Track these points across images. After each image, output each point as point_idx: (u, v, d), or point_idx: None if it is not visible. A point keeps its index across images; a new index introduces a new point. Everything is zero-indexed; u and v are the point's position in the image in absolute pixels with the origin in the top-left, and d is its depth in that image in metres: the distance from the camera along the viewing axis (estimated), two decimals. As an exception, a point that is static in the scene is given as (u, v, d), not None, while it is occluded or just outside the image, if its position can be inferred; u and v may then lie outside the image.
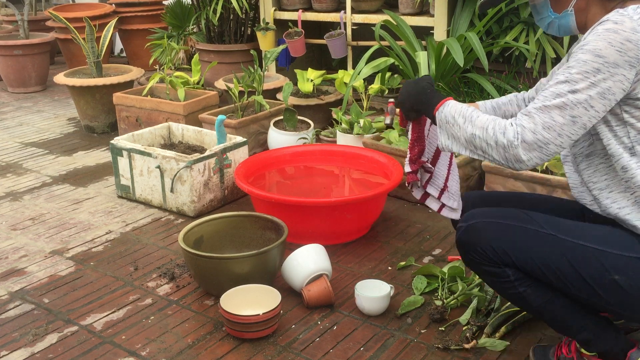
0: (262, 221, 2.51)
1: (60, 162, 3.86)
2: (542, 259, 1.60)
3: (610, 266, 1.56)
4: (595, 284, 1.58)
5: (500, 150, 1.54)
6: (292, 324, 2.19)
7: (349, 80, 3.74)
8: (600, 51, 1.48)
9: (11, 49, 5.43)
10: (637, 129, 1.54)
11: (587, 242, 1.59)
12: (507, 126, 1.54)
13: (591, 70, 1.49)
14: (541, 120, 1.51)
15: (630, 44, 1.47)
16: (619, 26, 1.48)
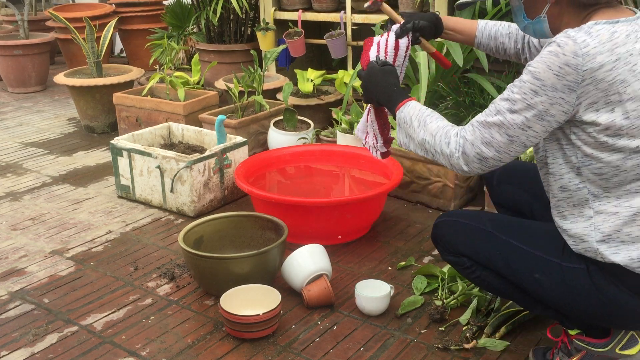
0: (262, 221, 2.51)
1: (60, 162, 3.86)
2: (484, 253, 1.79)
3: (533, 266, 1.70)
4: (522, 279, 1.74)
5: (445, 159, 1.67)
6: (292, 324, 2.19)
7: (349, 80, 3.74)
8: (539, 74, 1.49)
9: (11, 49, 5.43)
10: (583, 152, 1.55)
11: (519, 242, 1.73)
12: (452, 137, 1.63)
13: (529, 91, 1.50)
14: (481, 135, 1.59)
15: (569, 68, 1.45)
16: (561, 49, 1.46)
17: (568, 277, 1.66)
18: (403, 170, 2.90)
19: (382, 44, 1.92)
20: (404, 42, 1.92)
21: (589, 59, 1.44)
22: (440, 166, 2.96)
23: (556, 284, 1.68)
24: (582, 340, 1.80)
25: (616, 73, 1.46)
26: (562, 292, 1.68)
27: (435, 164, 2.96)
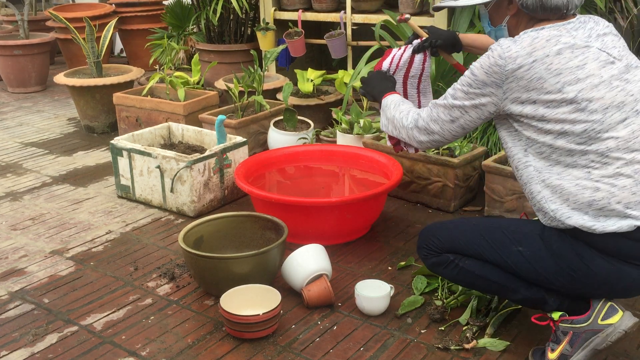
0: (262, 221, 2.51)
1: (60, 162, 3.86)
2: (465, 240, 1.94)
3: (513, 240, 1.86)
4: (505, 255, 1.87)
5: (405, 130, 2.03)
6: (292, 324, 2.19)
7: (349, 80, 3.74)
8: (475, 71, 1.83)
9: (11, 49, 5.43)
10: (525, 135, 1.82)
11: (498, 225, 1.93)
12: (411, 114, 2.03)
13: (466, 84, 1.86)
14: (430, 112, 1.97)
15: (496, 67, 1.78)
16: (492, 53, 1.79)
17: (548, 244, 1.81)
18: (403, 170, 2.90)
19: (396, 57, 2.29)
20: (419, 57, 2.29)
21: (510, 61, 1.76)
22: (440, 166, 2.96)
23: (538, 253, 1.82)
24: (565, 321, 1.85)
25: (533, 72, 1.74)
26: (544, 261, 1.82)
27: (435, 164, 2.96)
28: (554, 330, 1.88)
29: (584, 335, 1.82)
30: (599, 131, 1.72)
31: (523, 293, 1.92)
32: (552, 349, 1.87)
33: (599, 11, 3.37)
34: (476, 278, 1.96)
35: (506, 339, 2.08)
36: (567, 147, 1.75)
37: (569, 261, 1.78)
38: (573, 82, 1.72)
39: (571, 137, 1.74)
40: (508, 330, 2.13)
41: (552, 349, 1.87)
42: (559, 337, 1.86)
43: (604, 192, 1.71)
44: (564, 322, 1.85)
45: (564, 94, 1.72)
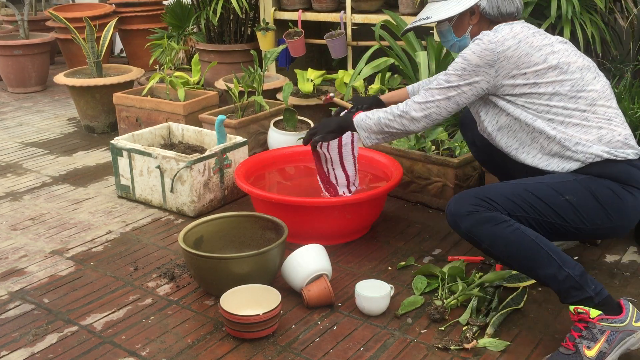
0: (262, 221, 2.51)
1: (60, 162, 3.86)
2: (516, 197, 2.01)
3: (562, 190, 2.00)
4: (554, 206, 1.99)
5: (400, 119, 2.20)
6: (292, 324, 2.19)
7: (349, 80, 3.74)
8: (467, 57, 2.09)
9: (11, 49, 5.43)
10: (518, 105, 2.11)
11: (541, 179, 2.06)
12: (400, 104, 2.22)
13: (460, 69, 2.11)
14: (425, 95, 2.17)
15: (487, 51, 2.06)
16: (481, 41, 2.08)
17: (589, 185, 2.00)
18: (403, 170, 2.90)
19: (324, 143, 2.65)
20: (346, 136, 2.67)
21: (499, 44, 2.06)
22: (440, 166, 2.96)
23: (582, 196, 1.99)
24: (604, 320, 1.89)
25: (520, 50, 2.06)
26: (587, 205, 1.99)
27: (435, 164, 2.96)
28: (586, 328, 1.90)
29: (620, 335, 1.89)
30: (582, 85, 2.06)
31: (567, 271, 1.92)
32: (588, 347, 1.89)
33: (599, 11, 3.37)
34: (530, 242, 1.94)
35: (506, 339, 2.08)
36: (561, 104, 2.05)
37: (605, 197, 1.98)
38: (552, 53, 2.08)
39: (562, 95, 2.05)
40: (508, 330, 2.13)
41: (589, 347, 1.89)
42: (595, 335, 1.89)
43: (606, 129, 2.03)
44: (603, 321, 1.89)
45: (548, 62, 2.06)
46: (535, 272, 1.97)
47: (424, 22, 2.26)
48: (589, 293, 1.91)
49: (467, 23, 2.24)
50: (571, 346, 1.91)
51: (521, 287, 2.32)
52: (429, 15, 2.25)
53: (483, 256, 2.58)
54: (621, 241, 2.71)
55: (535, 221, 2.00)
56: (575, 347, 1.90)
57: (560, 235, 2.06)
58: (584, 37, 3.28)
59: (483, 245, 2.00)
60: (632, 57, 3.58)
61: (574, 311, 1.92)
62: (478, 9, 2.20)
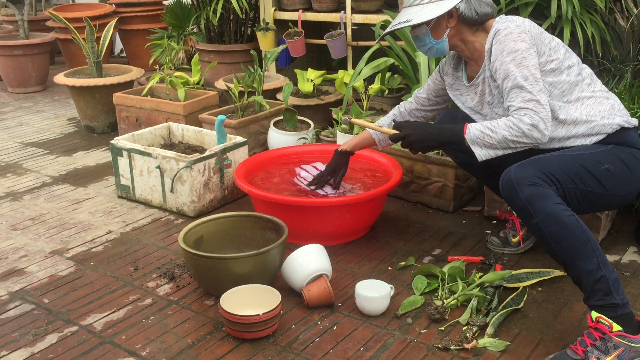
0: (262, 221, 2.51)
1: (60, 162, 3.86)
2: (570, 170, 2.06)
3: (600, 160, 2.09)
4: (597, 175, 2.07)
5: (530, 134, 2.06)
6: (292, 324, 2.19)
7: (349, 81, 3.74)
8: (515, 46, 2.12)
9: (11, 49, 5.43)
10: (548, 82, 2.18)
11: (581, 151, 2.13)
12: (520, 117, 2.07)
13: (521, 59, 2.10)
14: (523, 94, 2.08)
15: (524, 34, 2.13)
16: (509, 29, 2.14)
17: (618, 154, 2.12)
18: (403, 170, 2.90)
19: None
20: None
21: (523, 27, 2.16)
22: (440, 166, 2.96)
23: (618, 165, 2.10)
24: (622, 337, 1.87)
25: (534, 30, 2.17)
26: (622, 172, 2.10)
27: (435, 164, 2.96)
28: (601, 339, 1.88)
29: (632, 354, 1.88)
30: (580, 63, 2.24)
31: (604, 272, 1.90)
32: (598, 358, 1.88)
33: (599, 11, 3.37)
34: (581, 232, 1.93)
35: (506, 339, 2.08)
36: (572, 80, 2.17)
37: (631, 163, 2.11)
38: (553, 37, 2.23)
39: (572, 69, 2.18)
40: (508, 330, 2.13)
41: (599, 358, 1.88)
42: (608, 348, 1.88)
43: (612, 98, 2.20)
44: (621, 337, 1.88)
45: (555, 41, 2.20)
46: (574, 262, 1.93)
47: (404, 24, 2.26)
48: (616, 300, 1.89)
49: (445, 26, 2.25)
50: (580, 352, 1.89)
51: (521, 287, 2.32)
52: (409, 19, 2.25)
53: (483, 256, 2.58)
54: (621, 241, 2.71)
55: (580, 192, 2.07)
56: (584, 354, 1.89)
57: (592, 204, 2.13)
58: (584, 37, 3.28)
59: (535, 219, 1.97)
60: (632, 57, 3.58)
61: (595, 319, 1.90)
62: (456, 12, 2.23)
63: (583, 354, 1.89)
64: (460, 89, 2.45)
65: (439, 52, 2.33)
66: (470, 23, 2.26)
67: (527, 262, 2.54)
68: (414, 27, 2.27)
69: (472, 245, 2.70)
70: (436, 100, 2.61)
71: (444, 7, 2.21)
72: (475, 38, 2.28)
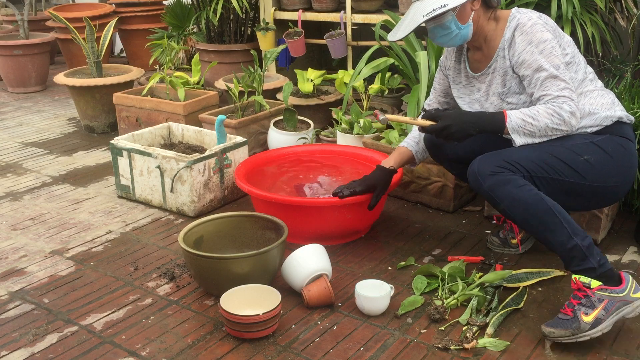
0: (262, 221, 2.51)
1: (60, 162, 3.86)
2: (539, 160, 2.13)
3: (578, 151, 2.14)
4: (574, 165, 2.13)
5: (569, 122, 2.09)
6: (292, 324, 2.19)
7: (349, 80, 3.74)
8: (543, 36, 2.14)
9: (11, 49, 5.43)
10: None
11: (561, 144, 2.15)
12: (559, 104, 2.08)
13: (549, 48, 2.13)
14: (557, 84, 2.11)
15: (547, 25, 2.17)
16: (532, 21, 2.17)
17: (603, 146, 2.16)
18: (403, 170, 2.90)
19: None
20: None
21: (543, 18, 2.19)
22: (440, 166, 2.96)
23: (599, 155, 2.14)
24: (603, 290, 2.02)
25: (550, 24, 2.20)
26: (605, 162, 2.15)
27: (435, 164, 2.96)
28: (585, 296, 2.02)
29: (618, 304, 2.03)
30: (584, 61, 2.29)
31: (576, 240, 2.04)
32: (586, 313, 2.02)
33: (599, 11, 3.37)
34: (546, 209, 2.06)
35: (506, 339, 2.08)
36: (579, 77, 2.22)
37: (619, 155, 2.17)
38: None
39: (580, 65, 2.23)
40: (508, 330, 2.13)
41: (587, 313, 2.02)
42: (593, 303, 2.02)
43: (610, 94, 2.26)
44: (602, 290, 2.02)
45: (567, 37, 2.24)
46: (545, 237, 2.08)
47: (441, 10, 2.12)
48: (592, 264, 2.03)
49: (470, 9, 2.21)
50: (569, 312, 2.02)
51: (521, 287, 2.32)
52: (444, 3, 2.13)
53: (483, 256, 2.58)
54: (621, 241, 2.71)
55: (556, 182, 2.14)
56: (573, 313, 2.02)
57: (577, 195, 2.18)
58: (584, 37, 3.28)
59: (501, 205, 2.11)
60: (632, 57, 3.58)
61: (575, 280, 2.04)
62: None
63: (572, 313, 2.02)
64: (462, 82, 2.44)
65: (462, 39, 2.26)
66: (489, 5, 2.25)
67: (527, 262, 2.54)
68: (437, 15, 2.16)
69: (472, 245, 2.70)
70: (446, 102, 2.60)
71: None
72: (489, 26, 2.26)
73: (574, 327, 1.99)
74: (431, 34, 2.27)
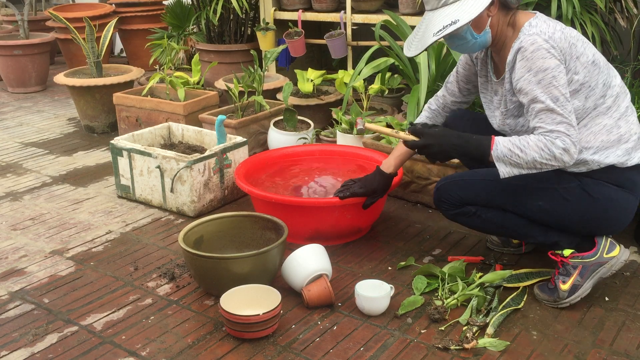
0: (262, 221, 2.51)
1: (60, 162, 3.87)
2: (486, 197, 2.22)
3: (535, 196, 2.17)
4: (527, 210, 2.19)
5: (560, 158, 1.98)
6: (292, 324, 2.19)
7: (349, 80, 3.74)
8: (544, 64, 1.98)
9: (11, 49, 5.43)
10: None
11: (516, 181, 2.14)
12: (552, 139, 1.97)
13: (549, 78, 1.99)
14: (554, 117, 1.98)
15: (554, 49, 1.99)
16: (537, 44, 1.99)
17: (566, 195, 2.13)
18: (403, 170, 2.90)
19: None
20: None
21: (552, 41, 2.00)
22: (440, 166, 2.96)
23: (558, 204, 2.14)
24: (576, 257, 2.19)
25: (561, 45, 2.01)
26: (563, 210, 2.14)
27: (435, 164, 2.96)
28: (562, 265, 2.20)
29: (592, 267, 2.17)
30: (610, 80, 2.11)
31: (539, 238, 2.25)
32: (563, 281, 2.19)
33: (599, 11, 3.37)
34: (497, 227, 2.28)
35: (506, 339, 2.08)
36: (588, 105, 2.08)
37: (587, 204, 2.11)
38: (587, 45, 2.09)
39: (593, 91, 2.07)
40: (508, 330, 2.13)
41: (564, 281, 2.19)
42: (569, 271, 2.19)
43: (624, 128, 2.10)
44: (575, 258, 2.18)
45: (587, 56, 2.06)
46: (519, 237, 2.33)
47: (453, 27, 1.99)
48: (561, 245, 2.22)
49: (487, 15, 2.06)
50: (552, 282, 2.22)
51: (521, 287, 2.32)
52: (454, 19, 2.00)
53: (483, 256, 2.58)
54: (621, 241, 2.70)
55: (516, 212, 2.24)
56: (554, 283, 2.21)
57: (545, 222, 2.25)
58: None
59: (467, 226, 2.36)
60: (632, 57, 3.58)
61: (550, 255, 2.23)
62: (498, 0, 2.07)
63: (554, 282, 2.22)
64: (484, 79, 2.32)
65: (480, 47, 2.14)
66: (508, 8, 2.09)
67: (527, 262, 2.54)
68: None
69: (472, 245, 2.70)
70: (467, 89, 2.45)
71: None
72: (507, 32, 2.12)
73: (555, 296, 2.21)
74: (447, 42, 2.15)
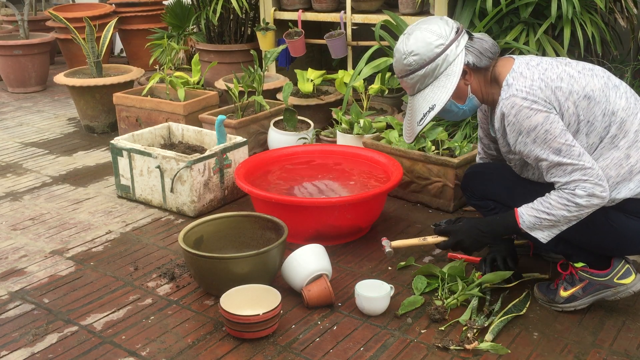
0: (262, 221, 2.51)
1: (60, 162, 3.86)
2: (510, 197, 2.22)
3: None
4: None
5: (590, 203, 1.95)
6: (292, 324, 2.19)
7: (349, 81, 3.74)
8: (531, 123, 1.95)
9: (11, 49, 5.43)
10: None
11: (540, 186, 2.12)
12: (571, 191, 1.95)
13: (542, 134, 1.95)
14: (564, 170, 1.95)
15: (536, 103, 1.95)
16: (517, 106, 1.97)
17: (587, 220, 2.03)
18: (403, 170, 2.90)
19: None
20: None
21: (532, 95, 1.97)
22: (440, 166, 2.96)
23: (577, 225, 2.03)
24: (586, 272, 2.15)
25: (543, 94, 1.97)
26: (581, 230, 2.05)
27: (435, 164, 2.96)
28: (574, 274, 2.17)
29: (597, 286, 2.14)
30: (611, 107, 2.00)
31: (553, 247, 2.16)
32: (565, 288, 2.19)
33: (599, 11, 3.37)
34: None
35: (506, 339, 2.08)
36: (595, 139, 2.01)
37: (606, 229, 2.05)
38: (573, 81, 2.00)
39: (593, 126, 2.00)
40: (508, 330, 2.13)
41: (565, 288, 2.19)
42: (574, 281, 2.18)
43: (634, 157, 2.00)
44: (584, 272, 2.15)
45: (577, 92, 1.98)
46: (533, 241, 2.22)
47: (432, 113, 2.06)
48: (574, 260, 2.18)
49: (465, 85, 2.09)
50: (555, 284, 2.23)
51: (525, 292, 2.29)
52: (431, 105, 2.06)
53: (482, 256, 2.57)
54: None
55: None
56: (557, 286, 2.22)
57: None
58: (584, 37, 3.28)
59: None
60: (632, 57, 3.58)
61: (558, 267, 2.23)
62: (468, 68, 2.07)
63: (557, 285, 2.22)
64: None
65: (472, 112, 2.18)
66: (484, 68, 2.09)
67: (527, 262, 2.54)
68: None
69: (472, 245, 2.70)
70: (496, 147, 2.41)
71: (456, 73, 2.04)
72: (491, 90, 2.13)
73: (550, 297, 2.22)
74: (440, 116, 2.18)
